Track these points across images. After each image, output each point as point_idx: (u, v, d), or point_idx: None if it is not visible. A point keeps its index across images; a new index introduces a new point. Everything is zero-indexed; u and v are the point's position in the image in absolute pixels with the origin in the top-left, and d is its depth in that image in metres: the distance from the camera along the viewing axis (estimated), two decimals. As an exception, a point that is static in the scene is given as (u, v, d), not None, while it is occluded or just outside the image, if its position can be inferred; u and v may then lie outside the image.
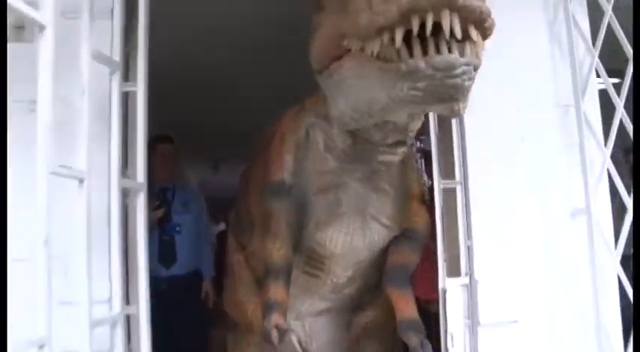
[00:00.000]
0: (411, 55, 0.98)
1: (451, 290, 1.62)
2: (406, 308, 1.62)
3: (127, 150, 1.46)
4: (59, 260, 1.03)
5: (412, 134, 1.49)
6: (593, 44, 1.82)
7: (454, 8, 0.93)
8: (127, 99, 1.46)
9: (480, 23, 0.97)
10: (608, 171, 1.75)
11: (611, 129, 1.77)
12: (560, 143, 1.80)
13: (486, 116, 1.71)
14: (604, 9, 1.82)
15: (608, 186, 1.78)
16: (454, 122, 1.72)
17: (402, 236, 1.72)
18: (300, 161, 1.68)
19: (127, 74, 1.46)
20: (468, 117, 1.70)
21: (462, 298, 1.64)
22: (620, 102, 1.77)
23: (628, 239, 1.70)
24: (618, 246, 1.71)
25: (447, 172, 1.72)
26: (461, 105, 1.05)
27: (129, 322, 1.42)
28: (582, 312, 1.71)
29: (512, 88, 1.79)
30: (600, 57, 1.82)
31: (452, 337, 1.57)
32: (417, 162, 2.10)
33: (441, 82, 0.97)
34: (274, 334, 1.51)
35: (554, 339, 1.70)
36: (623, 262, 1.70)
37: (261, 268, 1.84)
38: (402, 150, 1.51)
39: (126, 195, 1.41)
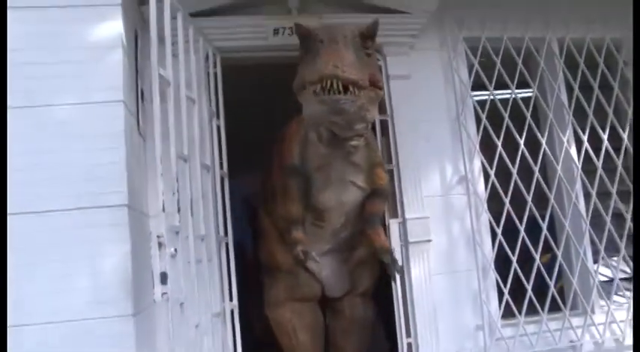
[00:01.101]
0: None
1: (393, 225, 2.83)
2: (379, 240, 2.62)
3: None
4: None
5: (365, 127, 2.41)
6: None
7: (338, 78, 2.00)
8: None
9: (354, 84, 2.05)
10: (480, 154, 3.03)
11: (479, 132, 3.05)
12: (450, 139, 3.05)
13: (407, 123, 2.93)
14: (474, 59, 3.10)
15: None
16: (390, 129, 2.93)
17: (373, 193, 2.64)
18: (303, 151, 2.58)
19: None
20: (398, 125, 2.92)
21: (397, 229, 2.85)
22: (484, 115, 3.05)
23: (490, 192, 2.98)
24: (486, 196, 2.99)
25: (388, 159, 2.93)
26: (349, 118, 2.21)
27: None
28: (467, 237, 2.97)
29: (420, 104, 3.01)
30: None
31: (394, 250, 2.76)
32: (376, 141, 2.91)
33: (333, 106, 2.10)
34: (302, 256, 2.59)
35: (452, 252, 2.95)
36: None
37: (283, 224, 2.78)
38: (362, 138, 2.43)
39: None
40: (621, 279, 3.26)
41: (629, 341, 3.11)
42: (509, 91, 3.18)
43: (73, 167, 2.05)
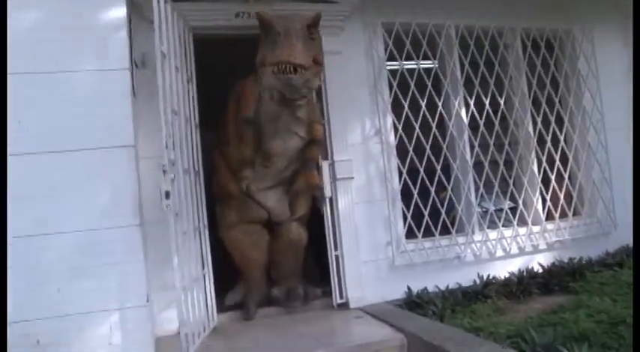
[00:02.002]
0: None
1: (324, 166, 3.75)
2: (313, 179, 3.57)
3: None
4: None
5: (309, 91, 3.17)
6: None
7: (290, 63, 2.80)
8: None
9: (301, 66, 2.85)
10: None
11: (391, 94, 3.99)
12: (369, 101, 3.97)
13: (337, 88, 3.82)
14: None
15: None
16: (324, 93, 3.80)
17: (310, 142, 3.43)
18: (258, 106, 3.23)
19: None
20: (330, 90, 3.80)
21: (328, 169, 3.77)
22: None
23: (398, 142, 3.95)
24: (395, 144, 3.96)
25: (322, 115, 3.81)
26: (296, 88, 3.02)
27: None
28: (381, 175, 3.94)
29: (347, 73, 3.90)
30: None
31: (325, 186, 3.69)
32: (314, 102, 3.55)
33: (286, 82, 2.92)
34: (245, 188, 3.44)
35: (369, 186, 3.92)
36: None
37: (234, 163, 3.50)
38: (305, 99, 3.19)
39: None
40: (494, 210, 4.36)
41: (499, 253, 4.25)
42: (415, 63, 4.12)
43: (93, 116, 2.80)
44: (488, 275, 4.06)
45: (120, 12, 2.89)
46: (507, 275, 4.10)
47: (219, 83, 3.79)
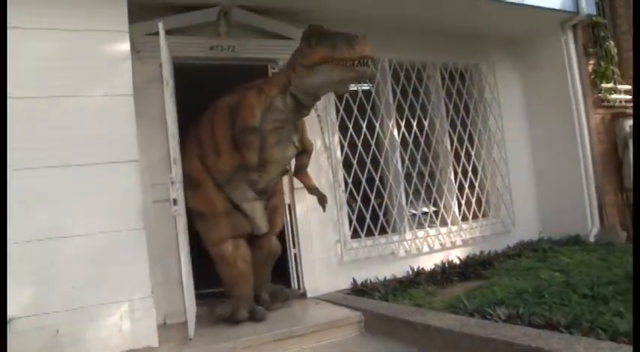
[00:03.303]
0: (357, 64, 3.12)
1: (284, 177, 4.39)
2: (310, 182, 3.89)
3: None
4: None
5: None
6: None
7: (369, 56, 3.14)
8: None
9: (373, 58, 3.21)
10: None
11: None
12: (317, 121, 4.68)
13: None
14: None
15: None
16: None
17: (303, 151, 3.78)
18: (262, 115, 3.40)
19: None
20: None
21: (287, 181, 4.42)
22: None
23: (344, 157, 4.69)
24: (342, 159, 4.70)
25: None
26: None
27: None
28: (330, 185, 4.65)
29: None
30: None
31: (285, 194, 4.33)
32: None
33: (363, 72, 3.20)
34: (257, 185, 3.61)
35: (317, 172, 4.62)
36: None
37: (222, 176, 3.57)
38: (313, 106, 3.56)
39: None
40: (421, 213, 5.23)
41: (425, 249, 5.09)
42: (355, 89, 4.88)
43: (103, 135, 3.24)
44: (418, 267, 4.88)
45: (125, 46, 3.36)
46: (433, 266, 4.94)
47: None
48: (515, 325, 2.94)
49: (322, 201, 3.96)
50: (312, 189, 3.96)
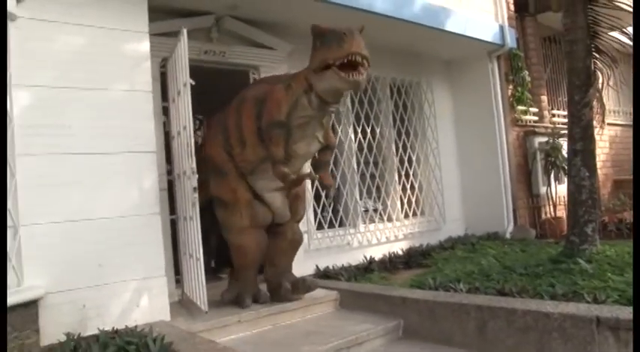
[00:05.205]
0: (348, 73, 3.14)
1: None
2: (328, 179, 3.89)
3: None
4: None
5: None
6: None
7: (361, 55, 3.11)
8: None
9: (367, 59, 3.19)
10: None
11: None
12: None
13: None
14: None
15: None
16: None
17: (326, 147, 3.78)
18: (289, 111, 3.47)
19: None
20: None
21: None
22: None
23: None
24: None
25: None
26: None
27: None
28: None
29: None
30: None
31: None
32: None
33: (354, 83, 3.21)
34: (293, 178, 3.57)
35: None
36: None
37: (249, 165, 3.75)
38: (338, 104, 3.61)
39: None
40: (373, 210, 5.94)
41: (374, 241, 5.80)
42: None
43: (125, 126, 3.54)
44: (371, 256, 5.55)
45: (145, 46, 3.69)
46: (381, 256, 5.64)
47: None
48: (477, 295, 3.70)
49: (328, 192, 4.24)
50: (327, 187, 4.01)
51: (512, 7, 6.91)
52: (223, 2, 4.48)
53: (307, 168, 4.06)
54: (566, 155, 5.58)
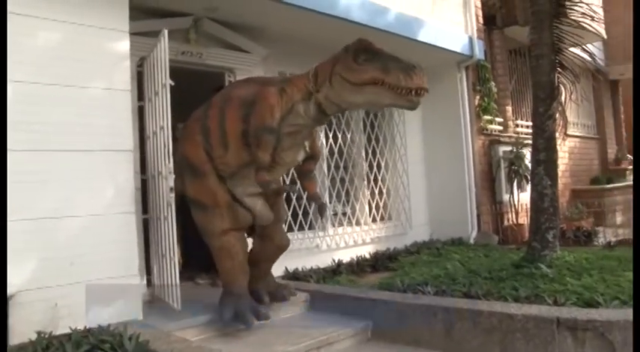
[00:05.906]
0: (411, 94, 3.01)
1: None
2: (313, 189, 3.83)
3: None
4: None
5: None
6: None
7: (425, 89, 3.01)
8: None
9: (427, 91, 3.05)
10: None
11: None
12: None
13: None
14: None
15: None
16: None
17: (311, 156, 3.73)
18: (282, 117, 3.35)
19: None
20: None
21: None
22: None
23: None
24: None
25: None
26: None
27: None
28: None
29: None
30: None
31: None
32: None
33: (417, 102, 3.07)
34: (274, 187, 3.52)
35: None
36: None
37: (226, 170, 3.58)
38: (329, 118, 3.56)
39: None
40: (342, 214, 6.04)
41: (342, 244, 5.91)
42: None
43: (101, 126, 3.54)
44: (339, 259, 5.66)
45: (125, 45, 3.69)
46: (349, 259, 5.75)
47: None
48: (445, 297, 3.84)
49: (322, 210, 3.90)
50: (315, 197, 3.89)
51: (481, 20, 7.15)
52: (202, 4, 4.51)
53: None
54: (528, 164, 5.84)
